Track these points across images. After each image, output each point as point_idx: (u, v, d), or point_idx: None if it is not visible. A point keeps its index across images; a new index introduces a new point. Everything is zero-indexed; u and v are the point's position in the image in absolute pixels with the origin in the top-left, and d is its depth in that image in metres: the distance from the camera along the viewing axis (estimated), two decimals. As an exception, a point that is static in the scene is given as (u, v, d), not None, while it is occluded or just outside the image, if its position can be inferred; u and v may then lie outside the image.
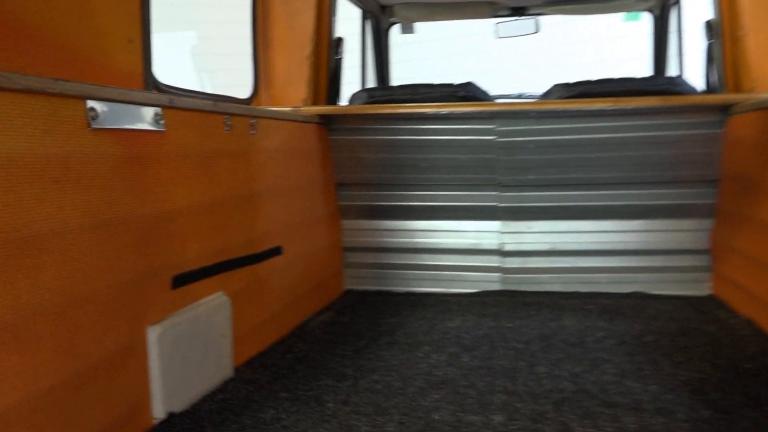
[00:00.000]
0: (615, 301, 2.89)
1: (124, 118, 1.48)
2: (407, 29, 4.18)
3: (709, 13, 2.98)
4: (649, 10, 3.83)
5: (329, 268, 3.06)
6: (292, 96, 3.21)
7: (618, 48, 7.07)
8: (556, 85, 2.93)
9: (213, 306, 1.90)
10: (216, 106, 1.92)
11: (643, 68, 4.01)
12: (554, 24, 4.03)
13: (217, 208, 1.96)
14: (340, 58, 3.34)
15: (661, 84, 2.79)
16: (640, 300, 2.89)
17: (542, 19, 3.86)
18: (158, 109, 1.61)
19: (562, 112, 2.86)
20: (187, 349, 1.76)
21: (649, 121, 2.81)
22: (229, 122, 2.02)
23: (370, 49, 4.02)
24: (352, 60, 3.97)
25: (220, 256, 1.98)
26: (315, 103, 3.23)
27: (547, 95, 3.00)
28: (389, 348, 2.28)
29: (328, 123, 3.06)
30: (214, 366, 1.89)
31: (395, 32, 4.15)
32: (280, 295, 2.45)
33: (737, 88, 2.87)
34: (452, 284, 3.19)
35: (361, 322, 2.65)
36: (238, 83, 3.26)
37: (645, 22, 3.95)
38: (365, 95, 3.03)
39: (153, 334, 1.61)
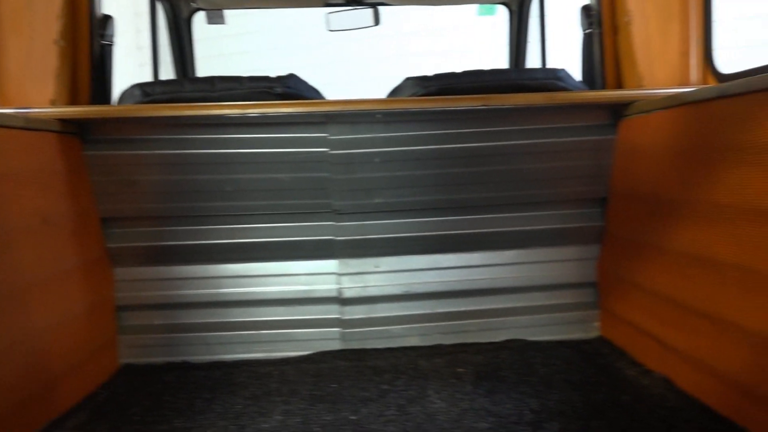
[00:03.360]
0: (489, 355, 2.22)
1: None
2: (215, 19, 3.29)
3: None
4: (505, 3, 3.30)
5: (91, 341, 2.07)
6: (35, 95, 2.20)
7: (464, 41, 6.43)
8: (409, 79, 2.21)
9: None
10: None
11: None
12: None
13: None
14: (109, 45, 2.38)
15: (543, 78, 2.16)
16: (519, 352, 2.24)
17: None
18: None
19: (417, 113, 2.14)
20: None
21: (526, 126, 2.18)
22: None
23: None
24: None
25: None
26: (72, 104, 2.25)
27: (396, 92, 2.27)
28: None
29: (80, 132, 2.08)
30: None
31: (200, 20, 3.24)
32: None
33: (619, 85, 2.34)
34: (275, 347, 2.33)
35: None
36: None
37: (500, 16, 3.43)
38: (138, 92, 2.10)
39: None
